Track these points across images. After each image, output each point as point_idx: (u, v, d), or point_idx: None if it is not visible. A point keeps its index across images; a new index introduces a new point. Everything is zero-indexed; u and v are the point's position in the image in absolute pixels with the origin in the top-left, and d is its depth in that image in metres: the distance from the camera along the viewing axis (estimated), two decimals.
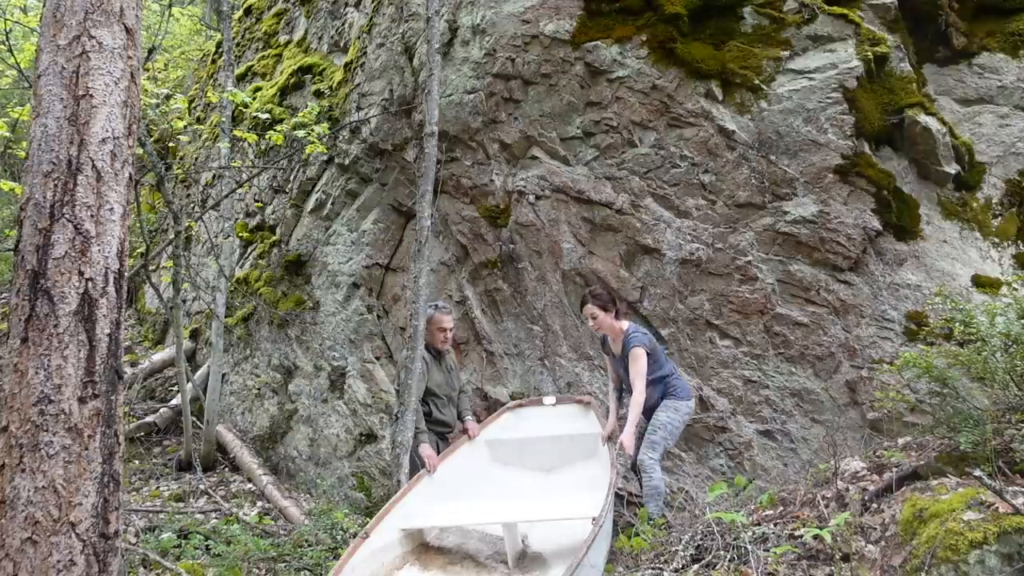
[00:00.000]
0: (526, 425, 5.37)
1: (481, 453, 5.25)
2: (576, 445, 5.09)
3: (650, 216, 5.57)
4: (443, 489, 4.80)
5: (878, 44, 5.17)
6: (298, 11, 8.86)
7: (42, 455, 2.52)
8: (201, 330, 9.35)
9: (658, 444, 4.62)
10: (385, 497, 5.07)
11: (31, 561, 2.45)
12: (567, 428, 5.17)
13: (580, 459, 5.04)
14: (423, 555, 4.56)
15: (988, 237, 5.28)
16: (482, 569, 4.43)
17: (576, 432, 5.10)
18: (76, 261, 2.69)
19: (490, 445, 5.31)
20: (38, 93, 2.84)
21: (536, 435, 5.23)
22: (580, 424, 5.17)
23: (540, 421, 5.36)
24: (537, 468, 5.20)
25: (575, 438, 5.09)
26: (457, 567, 4.50)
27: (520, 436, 5.27)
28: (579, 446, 5.06)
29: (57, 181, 2.73)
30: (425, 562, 4.53)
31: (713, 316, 5.35)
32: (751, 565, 3.35)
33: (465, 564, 4.51)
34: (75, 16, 2.87)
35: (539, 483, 5.10)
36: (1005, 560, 2.73)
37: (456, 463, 5.03)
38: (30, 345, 2.60)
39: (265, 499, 7.05)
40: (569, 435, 5.11)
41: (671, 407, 4.70)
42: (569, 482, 4.96)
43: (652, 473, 4.53)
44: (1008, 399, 3.74)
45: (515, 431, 5.35)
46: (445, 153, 6.43)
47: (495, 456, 5.30)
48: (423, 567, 4.49)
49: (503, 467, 5.27)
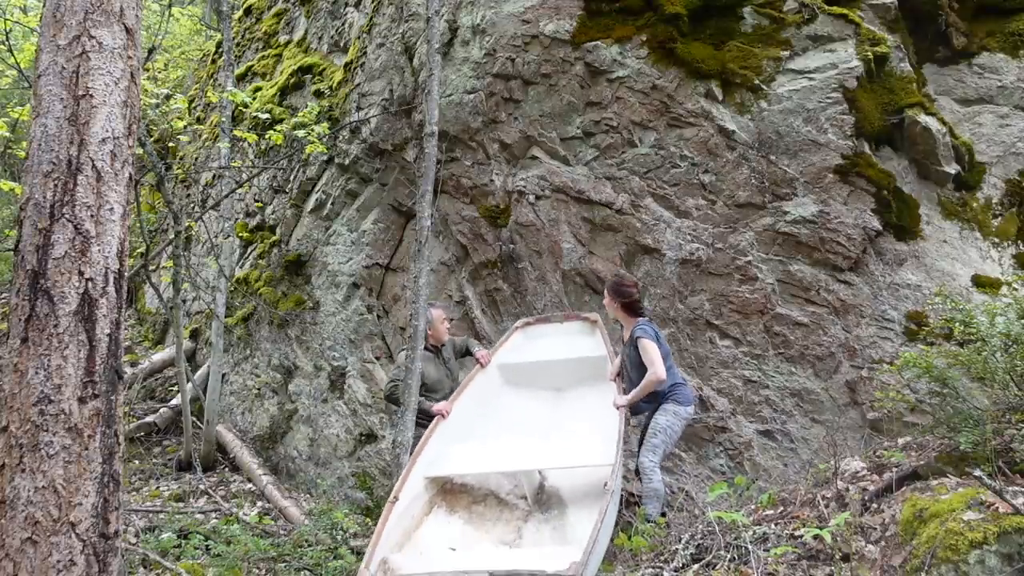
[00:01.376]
0: (536, 347, 5.46)
1: (494, 379, 5.37)
2: (585, 367, 5.19)
3: (650, 216, 5.57)
4: (461, 427, 4.95)
5: (878, 44, 5.17)
6: (298, 11, 8.86)
7: (42, 455, 2.52)
8: (201, 330, 9.35)
9: (658, 447, 4.65)
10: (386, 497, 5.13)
11: (31, 561, 2.45)
12: (576, 350, 5.24)
13: (589, 381, 5.13)
14: (448, 495, 4.77)
15: (988, 237, 5.28)
16: (504, 506, 4.67)
17: (584, 354, 5.18)
18: (76, 261, 2.69)
19: (502, 369, 5.42)
20: (38, 93, 2.84)
21: (546, 358, 5.31)
22: (588, 344, 5.27)
23: (549, 342, 5.45)
24: (548, 388, 5.37)
25: (584, 360, 5.18)
26: (481, 505, 4.73)
27: (531, 360, 5.37)
28: (588, 368, 5.16)
29: (57, 181, 2.73)
30: (451, 503, 4.75)
31: (713, 316, 5.35)
32: (751, 565, 3.35)
33: (488, 501, 4.74)
34: (75, 16, 2.88)
35: (551, 408, 5.27)
36: (1005, 560, 2.73)
37: (471, 394, 5.14)
38: (30, 345, 2.60)
39: (265, 499, 7.05)
40: (578, 358, 5.19)
41: (671, 411, 4.71)
42: (580, 410, 5.08)
43: (652, 476, 4.56)
44: (1008, 399, 3.74)
45: (525, 354, 5.44)
46: (445, 153, 6.43)
47: (507, 380, 5.43)
48: (450, 509, 4.71)
49: (516, 390, 5.40)
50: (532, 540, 4.38)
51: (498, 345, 5.57)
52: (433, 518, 4.58)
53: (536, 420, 5.19)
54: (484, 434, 5.04)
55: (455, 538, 4.45)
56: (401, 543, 4.26)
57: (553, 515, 4.57)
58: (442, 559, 4.11)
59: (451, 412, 4.97)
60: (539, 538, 4.39)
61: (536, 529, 4.46)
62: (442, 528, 4.54)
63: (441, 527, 4.54)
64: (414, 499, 4.51)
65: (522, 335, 5.60)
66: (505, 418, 5.24)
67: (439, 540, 4.42)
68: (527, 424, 5.15)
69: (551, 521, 4.52)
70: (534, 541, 4.37)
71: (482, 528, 4.57)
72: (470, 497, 4.76)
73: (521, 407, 5.33)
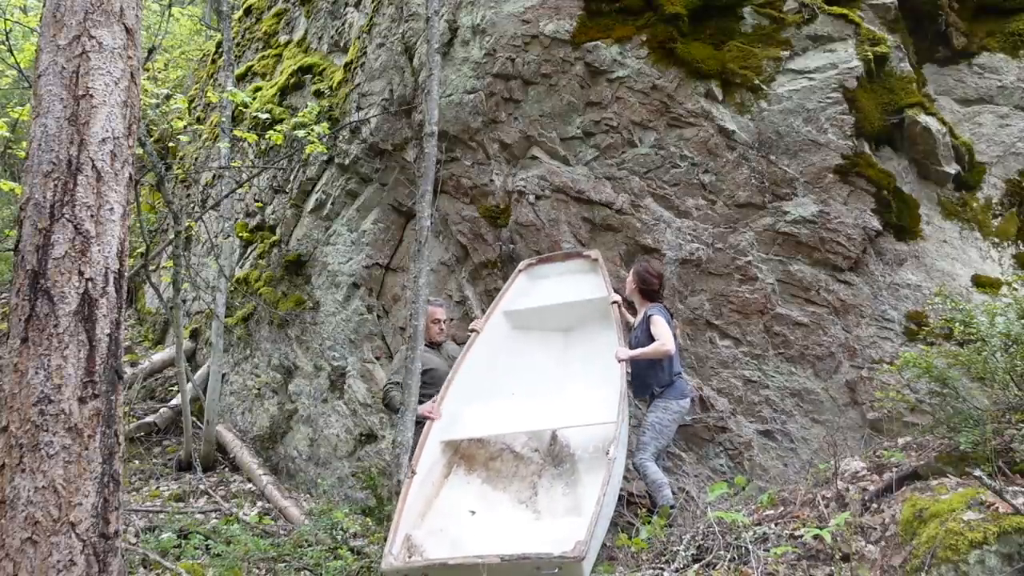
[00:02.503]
0: (540, 290, 5.64)
1: (502, 327, 5.54)
2: (590, 308, 5.38)
3: (650, 216, 5.57)
4: (475, 382, 5.16)
5: (878, 44, 5.17)
6: (298, 11, 8.85)
7: (42, 455, 2.53)
8: (201, 330, 9.35)
9: (647, 444, 4.78)
10: (388, 498, 5.19)
11: (31, 561, 2.45)
12: (580, 292, 5.40)
13: (596, 321, 5.32)
14: (465, 453, 5.01)
15: (988, 237, 5.28)
16: (519, 460, 4.95)
17: (588, 296, 5.35)
18: (76, 261, 2.69)
19: (509, 316, 5.59)
20: (38, 93, 2.84)
21: (551, 303, 5.49)
22: (591, 285, 5.39)
23: (553, 283, 5.62)
24: (557, 330, 5.62)
25: (589, 303, 5.35)
26: (497, 461, 4.98)
27: (536, 304, 5.55)
28: (593, 308, 5.35)
29: (57, 181, 2.73)
30: (469, 460, 5.00)
31: (713, 316, 5.35)
32: (752, 565, 3.35)
33: (504, 456, 4.99)
34: (75, 16, 2.88)
35: (562, 350, 5.53)
36: (1005, 560, 2.73)
37: (483, 345, 5.32)
38: (30, 345, 2.60)
39: (265, 499, 7.05)
40: (583, 300, 5.37)
41: (661, 407, 4.84)
42: (590, 353, 5.31)
43: (646, 471, 4.70)
44: (1008, 399, 3.74)
45: (531, 299, 5.62)
46: (445, 153, 6.43)
47: (515, 325, 5.62)
48: (468, 467, 4.98)
49: (525, 334, 5.61)
50: (546, 498, 4.63)
51: (504, 289, 5.69)
52: (453, 479, 4.84)
53: (548, 365, 5.45)
54: (498, 387, 5.26)
55: (474, 499, 4.70)
56: (423, 512, 4.49)
57: (565, 469, 4.83)
58: (461, 529, 4.36)
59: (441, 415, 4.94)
60: (552, 496, 4.64)
61: (550, 485, 4.73)
62: (462, 489, 4.79)
63: (461, 488, 4.79)
64: (433, 465, 4.73)
65: (526, 277, 5.74)
66: (518, 364, 5.45)
67: (459, 503, 4.65)
68: (540, 371, 5.40)
69: (563, 476, 4.78)
70: (548, 499, 4.62)
71: (499, 486, 4.81)
72: (487, 453, 5.00)
73: (532, 352, 5.54)
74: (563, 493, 4.66)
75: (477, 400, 5.11)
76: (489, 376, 5.30)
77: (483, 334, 5.36)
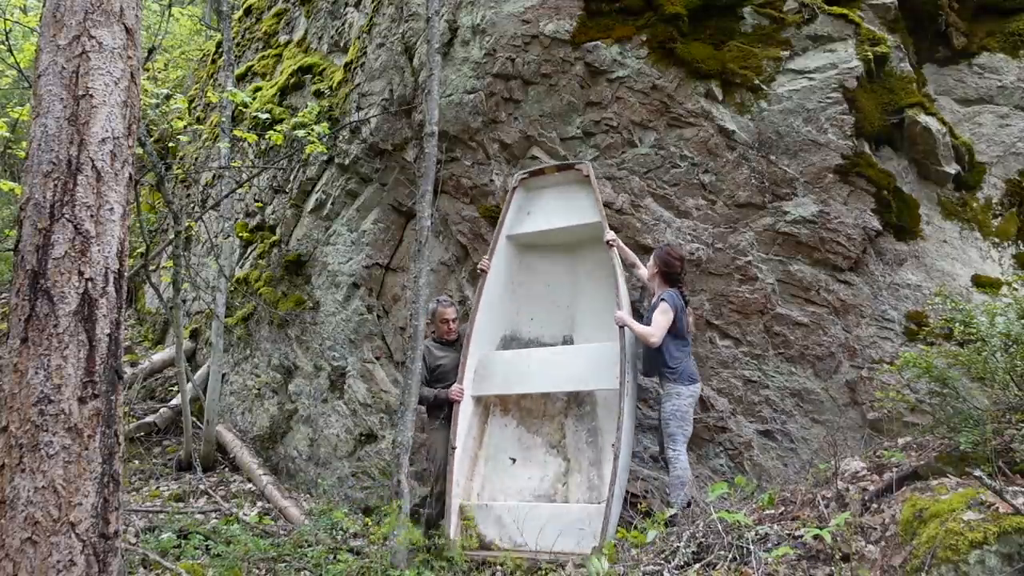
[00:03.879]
0: (538, 210, 5.91)
1: (509, 253, 5.92)
2: (587, 230, 5.67)
3: (650, 216, 5.57)
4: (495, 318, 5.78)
5: (878, 44, 5.17)
6: (298, 11, 8.85)
7: (42, 455, 2.53)
8: (201, 330, 9.35)
9: (675, 435, 4.83)
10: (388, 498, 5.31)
11: (31, 561, 2.45)
12: (575, 215, 5.69)
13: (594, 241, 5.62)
14: (499, 398, 5.69)
15: (988, 237, 5.28)
16: (547, 399, 5.67)
17: (584, 220, 5.64)
18: (76, 261, 2.69)
19: (512, 240, 5.92)
20: (38, 93, 2.84)
21: (550, 227, 5.80)
22: (585, 205, 5.64)
23: (548, 202, 5.86)
24: (561, 250, 5.98)
25: (584, 226, 5.64)
26: (527, 399, 5.70)
27: (536, 229, 5.85)
28: (589, 231, 5.64)
29: (57, 181, 2.73)
30: (503, 403, 5.75)
31: (713, 316, 5.35)
32: (752, 565, 3.35)
33: (534, 396, 5.67)
34: (75, 16, 2.88)
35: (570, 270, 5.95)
36: (1005, 560, 2.73)
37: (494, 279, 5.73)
38: (30, 345, 2.60)
39: (265, 499, 7.05)
40: (578, 224, 5.68)
41: (674, 393, 4.88)
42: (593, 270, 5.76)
43: (676, 464, 4.76)
44: (1008, 399, 3.74)
45: (531, 219, 5.90)
46: (445, 153, 6.43)
47: (521, 247, 6.01)
48: (503, 410, 5.75)
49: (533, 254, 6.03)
50: (573, 442, 5.45)
51: (505, 209, 5.88)
52: (492, 423, 5.66)
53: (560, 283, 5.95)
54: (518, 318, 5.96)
55: (513, 444, 5.56)
56: (469, 475, 5.32)
57: (586, 411, 5.55)
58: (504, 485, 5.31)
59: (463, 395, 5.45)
60: (579, 442, 5.43)
61: (575, 427, 5.51)
62: (501, 432, 5.62)
63: (500, 432, 5.62)
64: (471, 422, 5.49)
65: (523, 192, 5.94)
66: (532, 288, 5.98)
67: (500, 451, 5.53)
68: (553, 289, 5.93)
69: (585, 420, 5.51)
70: (575, 445, 5.43)
71: (532, 428, 5.62)
72: (518, 393, 5.61)
73: (543, 271, 6.00)
74: (587, 441, 5.41)
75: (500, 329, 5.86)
76: (508, 306, 5.92)
77: (492, 264, 5.71)
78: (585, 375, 5.22)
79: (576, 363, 5.31)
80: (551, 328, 5.88)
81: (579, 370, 5.26)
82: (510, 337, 5.94)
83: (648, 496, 5.24)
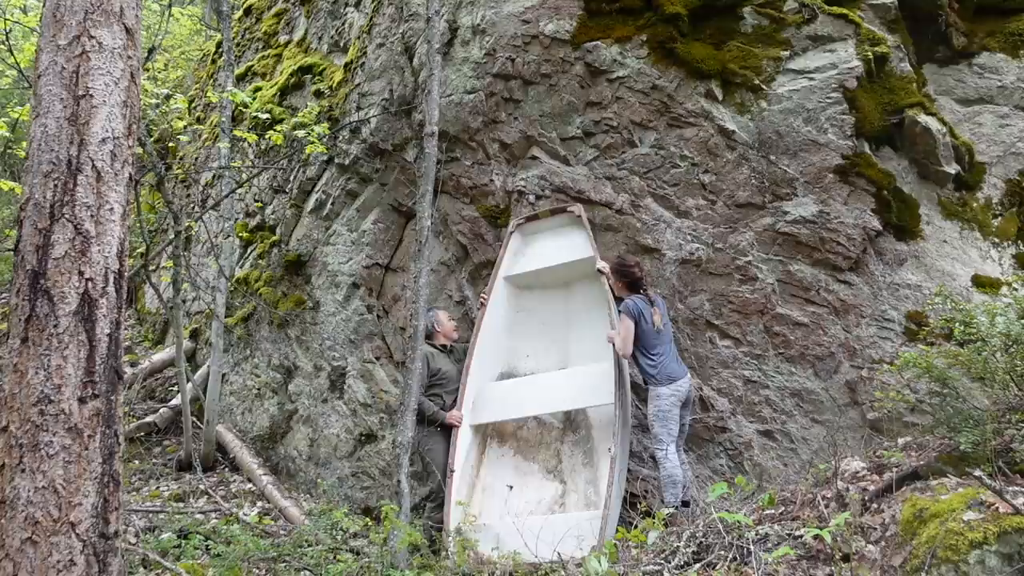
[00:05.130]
0: (534, 251, 6.08)
1: (506, 291, 6.07)
2: (581, 266, 5.77)
3: (650, 216, 5.57)
4: (491, 354, 5.88)
5: (878, 44, 5.17)
6: (298, 11, 8.85)
7: (42, 455, 2.53)
8: (201, 330, 9.35)
9: (660, 435, 4.89)
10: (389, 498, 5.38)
11: (31, 561, 2.45)
12: (570, 252, 5.83)
13: (588, 276, 5.76)
14: (497, 429, 5.80)
15: (988, 237, 5.28)
16: (543, 427, 5.75)
17: (578, 256, 5.76)
18: (76, 261, 2.69)
19: (510, 280, 6.06)
20: (38, 93, 2.84)
21: (546, 265, 5.94)
22: (578, 243, 5.79)
23: (544, 243, 6.03)
24: (555, 287, 6.10)
25: (579, 262, 5.76)
26: (523, 430, 5.78)
27: (534, 267, 6.00)
28: (585, 267, 5.74)
29: (57, 181, 2.73)
30: (500, 434, 5.82)
31: (713, 316, 5.35)
32: (752, 565, 3.35)
33: (529, 425, 5.77)
34: (75, 16, 2.88)
35: (564, 303, 6.05)
36: (1005, 560, 2.73)
37: (491, 316, 5.88)
38: (30, 345, 2.60)
39: (265, 499, 7.05)
40: (573, 260, 5.81)
41: (653, 395, 4.99)
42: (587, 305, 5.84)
43: (664, 464, 4.81)
44: (1008, 399, 3.74)
45: (527, 260, 6.07)
46: (445, 153, 6.43)
47: (518, 287, 6.13)
48: (500, 440, 5.82)
49: (529, 292, 6.16)
50: (569, 465, 5.47)
51: (502, 252, 6.02)
52: (490, 454, 5.72)
53: (555, 320, 6.04)
54: (514, 352, 6.03)
55: (510, 472, 5.59)
56: (467, 501, 5.32)
57: (581, 436, 5.58)
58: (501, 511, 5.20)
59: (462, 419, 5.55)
60: (574, 464, 5.46)
61: (571, 452, 5.55)
62: (498, 463, 5.67)
63: (497, 462, 5.68)
64: (469, 450, 5.58)
65: (519, 236, 6.09)
66: (528, 326, 6.08)
67: (498, 478, 5.55)
68: (549, 326, 6.03)
69: (580, 444, 5.54)
70: (571, 467, 5.45)
71: (529, 455, 5.67)
72: (514, 424, 5.76)
73: (538, 310, 6.12)
74: (583, 463, 5.43)
75: (497, 366, 5.92)
76: (505, 344, 6.00)
77: (490, 303, 5.87)
78: (579, 394, 5.31)
79: (570, 384, 5.40)
80: (546, 363, 5.94)
81: (573, 390, 5.35)
82: (507, 373, 6.00)
83: (648, 496, 5.24)
